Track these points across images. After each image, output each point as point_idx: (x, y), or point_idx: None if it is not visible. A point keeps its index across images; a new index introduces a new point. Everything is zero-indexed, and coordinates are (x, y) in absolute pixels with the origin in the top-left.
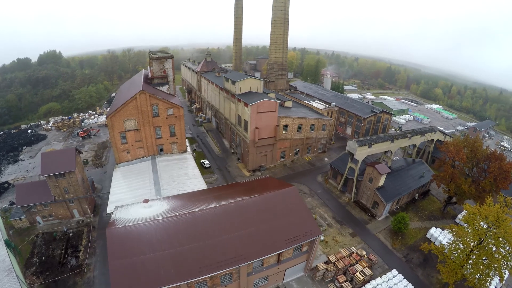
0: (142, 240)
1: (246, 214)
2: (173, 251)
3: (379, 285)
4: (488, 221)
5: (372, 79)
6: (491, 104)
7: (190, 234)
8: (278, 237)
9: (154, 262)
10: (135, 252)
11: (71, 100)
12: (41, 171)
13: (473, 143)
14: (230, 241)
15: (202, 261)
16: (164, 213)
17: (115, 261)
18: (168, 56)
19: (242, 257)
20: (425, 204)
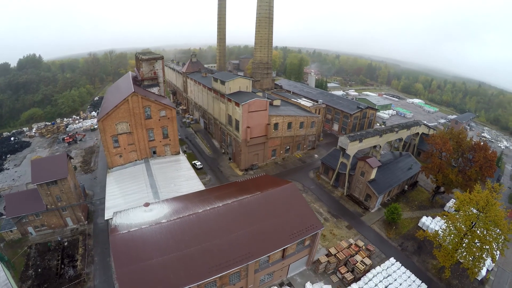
0: (148, 244)
1: (250, 212)
2: (181, 254)
3: (379, 273)
4: (479, 206)
5: (353, 76)
6: (470, 97)
7: (196, 235)
8: (283, 233)
9: (163, 266)
10: (142, 257)
11: (53, 105)
12: (32, 179)
13: (458, 135)
14: (237, 240)
15: (211, 262)
16: (167, 216)
17: (122, 268)
18: (158, 57)
19: (250, 255)
20: (414, 194)
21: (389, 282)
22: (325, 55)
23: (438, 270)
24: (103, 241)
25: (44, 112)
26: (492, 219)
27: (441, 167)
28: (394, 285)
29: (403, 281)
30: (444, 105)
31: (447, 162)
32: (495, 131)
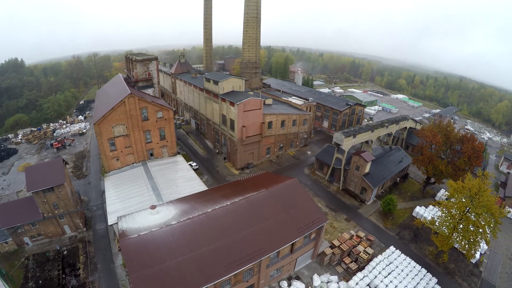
0: (160, 247)
1: (257, 209)
2: (194, 254)
3: (381, 261)
4: (472, 193)
5: (337, 73)
6: (452, 91)
7: (208, 235)
8: (291, 227)
9: (177, 268)
10: (156, 261)
11: (38, 110)
12: (27, 187)
13: (446, 128)
14: (248, 237)
15: (225, 260)
16: (176, 217)
17: (136, 273)
18: (152, 58)
19: (262, 250)
20: (406, 186)
21: (392, 269)
22: (308, 53)
23: (435, 255)
24: (105, 247)
25: (29, 117)
26: (484, 204)
27: (431, 159)
28: (396, 272)
29: (404, 267)
30: (427, 99)
31: (436, 154)
32: (478, 124)
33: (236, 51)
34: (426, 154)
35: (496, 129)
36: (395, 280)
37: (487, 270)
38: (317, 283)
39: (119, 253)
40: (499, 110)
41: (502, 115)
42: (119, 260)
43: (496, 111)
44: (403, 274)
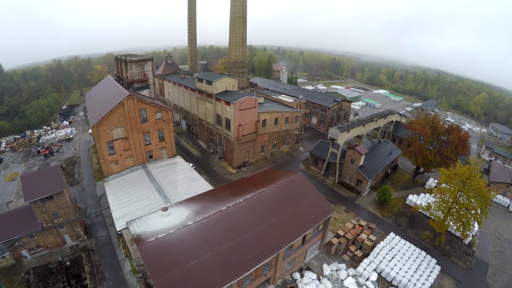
0: (180, 249)
1: (269, 204)
2: (216, 253)
3: (384, 247)
4: (464, 178)
5: (319, 70)
6: (431, 85)
7: (226, 233)
8: (302, 220)
9: (201, 268)
10: (178, 263)
11: (21, 117)
12: (24, 197)
13: (432, 120)
14: (264, 231)
15: (246, 256)
16: (191, 217)
17: (159, 278)
18: (147, 58)
19: (279, 243)
20: (396, 177)
21: (394, 253)
22: (290, 52)
23: (431, 239)
24: (110, 255)
25: (12, 124)
26: (475, 187)
27: (421, 150)
28: (399, 255)
29: (405, 251)
30: (407, 94)
31: (424, 145)
32: (458, 115)
33: (218, 51)
34: (416, 145)
35: (475, 120)
36: (399, 264)
37: (479, 250)
38: (327, 272)
39: (126, 260)
40: (477, 101)
41: (480, 107)
42: (127, 267)
43: (474, 102)
44: (405, 258)
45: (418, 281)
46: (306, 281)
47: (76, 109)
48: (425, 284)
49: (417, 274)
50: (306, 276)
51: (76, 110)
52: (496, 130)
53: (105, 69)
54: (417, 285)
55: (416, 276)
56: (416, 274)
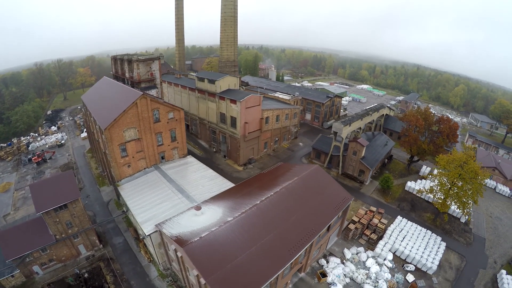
0: (225, 245)
1: (297, 195)
2: (259, 245)
3: (395, 229)
4: (461, 162)
5: (301, 67)
6: (412, 79)
7: (265, 225)
8: (327, 208)
9: (249, 262)
10: (226, 259)
11: (6, 124)
12: (36, 208)
13: (424, 112)
14: (298, 221)
15: (286, 245)
16: (227, 214)
17: (212, 276)
18: (155, 57)
19: (313, 231)
20: (392, 166)
21: (404, 234)
22: (272, 50)
23: (432, 220)
24: (131, 261)
25: None
26: (472, 169)
27: (415, 140)
28: (409, 236)
29: (413, 232)
30: (389, 88)
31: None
32: (439, 107)
33: (201, 51)
34: (411, 136)
35: (455, 111)
36: (410, 243)
37: (475, 227)
38: (349, 255)
39: (151, 265)
40: (456, 93)
41: (460, 98)
42: (154, 272)
43: (454, 94)
44: (414, 237)
45: (429, 257)
46: (332, 265)
47: (62, 114)
48: (435, 259)
49: (427, 251)
50: (331, 261)
51: (62, 115)
52: (476, 120)
53: (88, 72)
54: (429, 260)
55: (427, 253)
56: (426, 251)
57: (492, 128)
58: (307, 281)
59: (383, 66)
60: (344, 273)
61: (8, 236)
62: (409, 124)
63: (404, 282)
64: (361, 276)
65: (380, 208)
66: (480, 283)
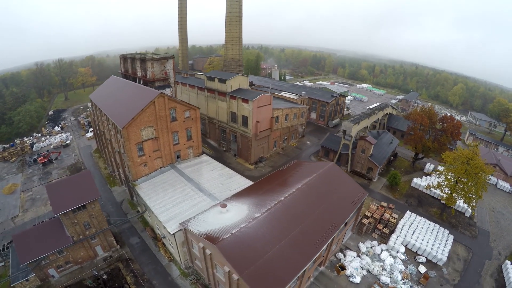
0: (256, 240)
1: (316, 191)
2: (288, 240)
3: (405, 223)
4: (466, 158)
5: (301, 67)
6: (411, 78)
7: (290, 221)
8: (345, 203)
9: (279, 256)
10: (258, 254)
11: (8, 124)
12: (53, 209)
13: (429, 111)
14: (320, 216)
15: (312, 239)
16: (253, 210)
17: (246, 272)
18: (169, 56)
19: (334, 225)
20: (397, 163)
21: (414, 228)
22: (271, 49)
23: (439, 214)
24: (151, 261)
25: None
26: (477, 165)
27: (421, 138)
28: (418, 229)
29: (422, 225)
30: (389, 87)
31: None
32: (438, 106)
33: (200, 50)
34: (417, 134)
35: (454, 109)
36: (420, 236)
37: (479, 221)
38: (364, 249)
39: (172, 264)
40: (455, 92)
41: (458, 97)
42: (175, 271)
43: (452, 93)
44: (424, 231)
45: (439, 249)
46: (349, 259)
47: (65, 114)
48: (444, 251)
49: (436, 244)
50: (348, 255)
51: (64, 115)
52: (475, 118)
53: (89, 72)
54: (439, 252)
55: (436, 245)
56: (436, 244)
57: (491, 126)
58: (327, 274)
59: (382, 65)
60: (361, 265)
61: (23, 239)
62: (414, 122)
63: (417, 273)
64: (377, 268)
65: (390, 203)
66: (487, 273)
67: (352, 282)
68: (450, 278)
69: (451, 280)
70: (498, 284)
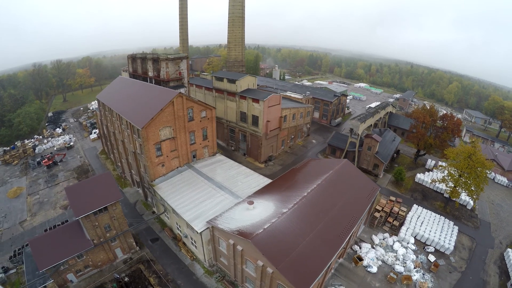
0: (287, 234)
1: (335, 187)
2: (315, 232)
3: (413, 216)
4: (469, 153)
5: (298, 67)
6: (407, 77)
7: (316, 214)
8: (361, 197)
9: (309, 247)
10: (291, 247)
11: (8, 127)
12: (75, 212)
13: (430, 110)
14: (341, 209)
15: (336, 231)
16: (280, 206)
17: (282, 264)
18: (183, 56)
19: (354, 218)
20: (400, 160)
21: (422, 220)
22: (268, 49)
23: (443, 207)
24: (174, 261)
25: None
26: (479, 160)
27: (423, 135)
28: (426, 221)
29: (429, 218)
30: (385, 86)
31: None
32: (433, 103)
33: (198, 51)
34: (419, 132)
35: (450, 107)
36: (428, 227)
37: (480, 213)
38: (377, 241)
39: (195, 263)
40: (450, 90)
41: (454, 95)
42: (199, 269)
43: (448, 91)
44: (431, 223)
45: (446, 239)
46: (365, 250)
47: (64, 116)
48: (451, 241)
49: (443, 234)
50: (364, 247)
51: (64, 117)
52: (470, 116)
53: (88, 73)
54: (446, 242)
55: (443, 236)
56: (442, 234)
57: (486, 123)
58: (346, 265)
59: (377, 64)
60: (376, 256)
61: (41, 244)
62: (417, 120)
63: (427, 262)
64: (391, 259)
65: (397, 198)
66: (491, 261)
67: (369, 272)
68: (457, 266)
69: (458, 267)
70: (501, 270)
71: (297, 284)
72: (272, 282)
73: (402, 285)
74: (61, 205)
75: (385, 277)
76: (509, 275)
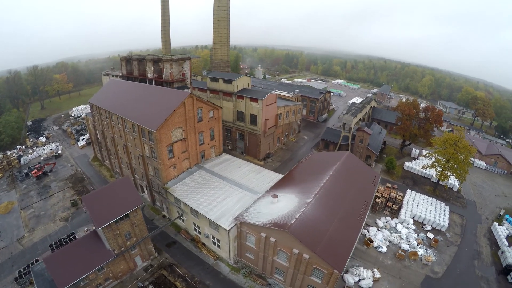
0: (316, 222)
1: (345, 176)
2: (339, 218)
3: (409, 199)
4: (455, 140)
5: (275, 65)
6: (381, 72)
7: (335, 202)
8: (367, 184)
9: (337, 232)
10: (322, 232)
11: None
12: (95, 223)
13: (413, 103)
14: (354, 196)
15: (355, 216)
16: (302, 197)
17: (318, 248)
18: (186, 57)
19: (366, 203)
20: (387, 150)
21: (417, 203)
22: (244, 49)
23: (433, 190)
24: (197, 262)
25: None
26: (464, 146)
27: (408, 126)
28: (421, 203)
29: (423, 200)
30: (361, 81)
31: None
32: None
33: (174, 53)
34: (405, 123)
35: (424, 99)
36: (423, 209)
37: (466, 194)
38: (381, 224)
39: (218, 262)
40: (424, 83)
41: (427, 87)
42: (224, 267)
43: (422, 85)
44: (425, 205)
45: (440, 218)
46: (373, 233)
47: (45, 124)
48: (445, 219)
49: (437, 214)
50: (371, 230)
51: (45, 125)
52: (445, 106)
53: (65, 79)
54: (441, 220)
55: (437, 215)
56: (437, 214)
57: (460, 113)
58: (359, 248)
59: (352, 61)
60: (384, 237)
61: (57, 260)
62: (403, 113)
63: (427, 239)
64: (397, 238)
65: (393, 184)
66: (481, 234)
67: (380, 252)
68: (453, 240)
69: (454, 242)
70: (491, 241)
71: (335, 264)
72: (307, 268)
73: (411, 260)
74: (61, 217)
75: (395, 255)
76: (498, 245)
